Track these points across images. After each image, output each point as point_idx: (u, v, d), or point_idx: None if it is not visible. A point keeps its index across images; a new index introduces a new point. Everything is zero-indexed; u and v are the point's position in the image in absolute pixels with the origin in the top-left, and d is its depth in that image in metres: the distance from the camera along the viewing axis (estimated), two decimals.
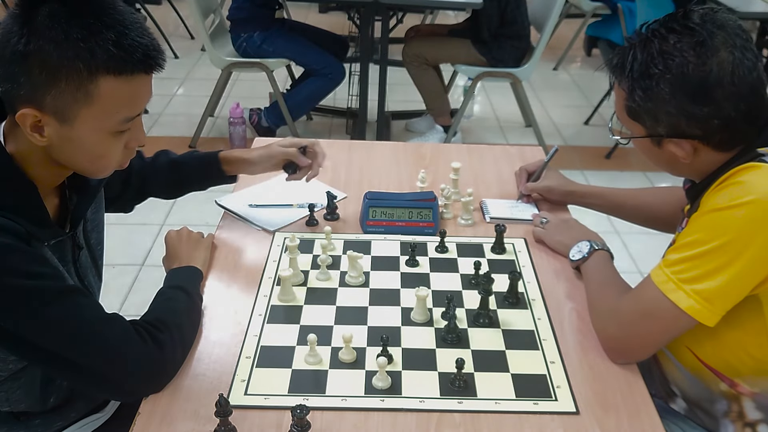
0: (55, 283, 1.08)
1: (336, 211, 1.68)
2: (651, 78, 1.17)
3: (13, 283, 1.03)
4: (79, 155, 1.12)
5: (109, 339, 1.11)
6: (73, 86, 1.03)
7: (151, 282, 1.30)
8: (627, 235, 3.26)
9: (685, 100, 1.16)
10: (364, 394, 1.17)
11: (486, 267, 1.48)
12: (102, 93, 1.05)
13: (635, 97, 1.20)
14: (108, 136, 1.10)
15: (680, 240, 1.22)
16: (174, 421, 1.11)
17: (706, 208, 1.19)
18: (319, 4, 6.09)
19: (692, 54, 1.14)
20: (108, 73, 1.04)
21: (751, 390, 1.28)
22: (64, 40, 1.01)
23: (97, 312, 1.13)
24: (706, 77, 1.14)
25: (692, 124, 1.18)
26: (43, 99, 1.04)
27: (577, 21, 5.69)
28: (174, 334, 1.20)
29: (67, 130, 1.07)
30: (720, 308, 1.17)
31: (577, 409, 1.16)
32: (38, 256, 1.09)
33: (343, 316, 1.36)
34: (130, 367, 1.13)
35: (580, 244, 1.47)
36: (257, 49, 3.77)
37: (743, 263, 1.14)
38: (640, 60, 1.18)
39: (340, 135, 4.24)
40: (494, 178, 1.89)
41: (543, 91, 5.02)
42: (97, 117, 1.07)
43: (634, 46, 1.20)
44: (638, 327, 1.22)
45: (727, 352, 1.26)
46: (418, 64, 3.97)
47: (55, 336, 1.08)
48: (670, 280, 1.18)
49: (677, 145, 1.22)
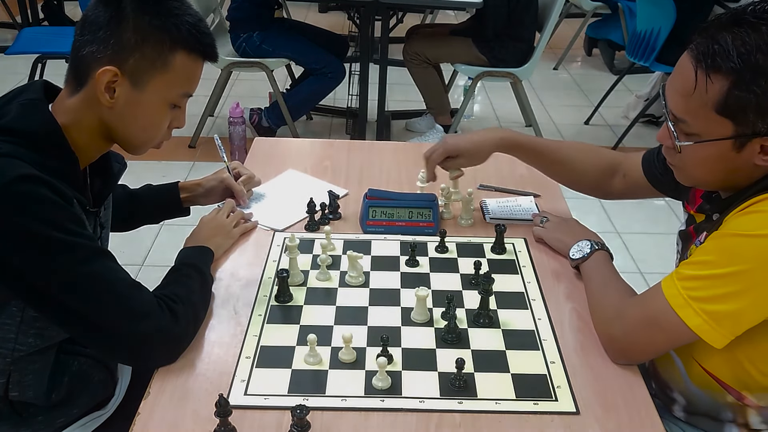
0: (91, 244, 1.16)
1: (338, 210, 1.68)
2: (766, 64, 1.05)
3: (52, 235, 1.10)
4: (135, 121, 1.24)
5: (134, 304, 1.17)
6: (156, 54, 1.19)
7: (151, 282, 1.29)
8: (627, 235, 3.26)
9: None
10: (364, 394, 1.17)
11: (486, 267, 1.48)
12: (176, 65, 1.21)
13: (748, 84, 1.06)
14: (166, 107, 1.25)
15: (696, 256, 1.19)
16: (174, 421, 1.11)
17: (728, 230, 1.16)
18: (318, 3, 6.09)
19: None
20: (185, 48, 1.21)
21: (758, 404, 1.27)
22: (156, 13, 1.19)
23: (125, 276, 1.20)
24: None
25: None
26: (126, 60, 1.18)
27: (577, 21, 5.70)
28: (188, 309, 1.26)
29: (136, 93, 1.20)
30: (729, 332, 1.14)
31: (578, 410, 1.16)
32: (78, 218, 1.16)
33: (343, 316, 1.35)
34: (150, 332, 1.17)
35: (581, 243, 1.46)
36: (256, 48, 3.77)
37: (757, 295, 1.12)
38: (752, 44, 1.05)
39: (340, 135, 4.24)
40: (494, 178, 1.89)
41: (543, 91, 5.02)
42: (166, 86, 1.22)
43: (731, 32, 1.07)
44: (642, 334, 1.22)
45: (738, 367, 1.24)
46: (418, 63, 3.97)
47: (82, 293, 1.13)
48: (681, 295, 1.16)
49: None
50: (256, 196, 1.75)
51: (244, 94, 4.61)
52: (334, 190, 1.74)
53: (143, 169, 1.55)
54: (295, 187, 1.79)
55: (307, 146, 2.24)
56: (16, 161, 1.11)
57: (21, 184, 1.09)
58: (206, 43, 1.24)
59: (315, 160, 1.97)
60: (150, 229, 3.21)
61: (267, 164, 1.92)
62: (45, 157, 1.15)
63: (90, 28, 1.18)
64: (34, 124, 1.17)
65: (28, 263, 1.10)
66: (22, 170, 1.10)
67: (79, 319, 1.15)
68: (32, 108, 1.19)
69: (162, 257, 2.98)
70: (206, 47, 1.25)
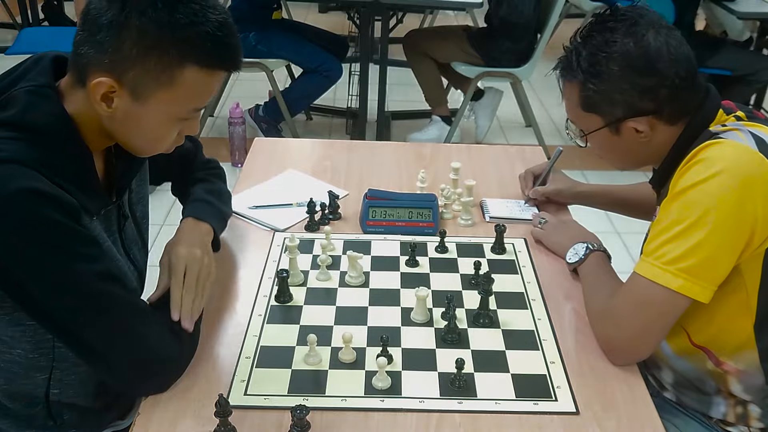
0: (92, 267, 1.08)
1: (338, 210, 1.68)
2: (600, 64, 1.26)
3: (53, 260, 1.04)
4: (137, 133, 1.13)
5: (135, 332, 1.11)
6: (161, 68, 1.05)
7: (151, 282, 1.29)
8: (627, 235, 3.26)
9: (634, 74, 1.25)
10: (364, 395, 1.17)
11: (486, 267, 1.48)
12: (185, 81, 1.07)
13: (589, 84, 1.28)
14: (172, 121, 1.13)
15: (655, 227, 1.25)
16: (174, 421, 1.11)
17: (675, 190, 1.22)
18: (318, 4, 6.09)
19: (629, 36, 1.25)
20: (196, 64, 1.06)
21: (736, 367, 1.30)
22: (167, 23, 1.03)
23: (129, 304, 1.13)
24: (647, 51, 1.24)
25: (645, 98, 1.26)
26: (125, 72, 1.05)
27: (577, 21, 5.69)
28: (191, 336, 1.21)
29: (137, 107, 1.08)
30: (710, 282, 1.19)
31: (577, 409, 1.16)
32: (84, 236, 1.09)
33: (343, 317, 1.35)
34: (150, 361, 1.13)
35: (576, 246, 1.47)
36: (252, 49, 3.77)
37: (722, 230, 1.17)
38: (585, 54, 1.28)
39: (340, 135, 4.24)
40: (494, 178, 1.89)
41: (543, 91, 5.01)
42: (171, 102, 1.09)
43: (575, 48, 1.31)
44: (634, 319, 1.23)
45: (714, 327, 1.29)
46: (417, 54, 3.98)
47: (82, 318, 1.07)
48: (655, 266, 1.20)
49: (636, 123, 1.28)
50: (254, 197, 1.74)
51: (244, 95, 4.60)
52: (334, 190, 1.74)
53: None
54: (295, 187, 1.79)
55: (307, 146, 2.24)
56: (19, 169, 1.02)
57: (23, 200, 1.01)
58: (225, 54, 1.10)
59: (315, 160, 1.97)
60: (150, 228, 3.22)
61: (267, 164, 1.92)
62: (54, 155, 1.07)
63: (89, 25, 1.05)
64: (43, 118, 1.07)
65: (27, 282, 1.04)
66: (24, 182, 1.01)
67: (77, 341, 1.10)
68: (41, 98, 1.08)
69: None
70: (224, 58, 1.10)
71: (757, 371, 1.30)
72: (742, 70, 3.73)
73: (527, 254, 1.56)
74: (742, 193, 1.16)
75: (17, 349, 1.18)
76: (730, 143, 1.20)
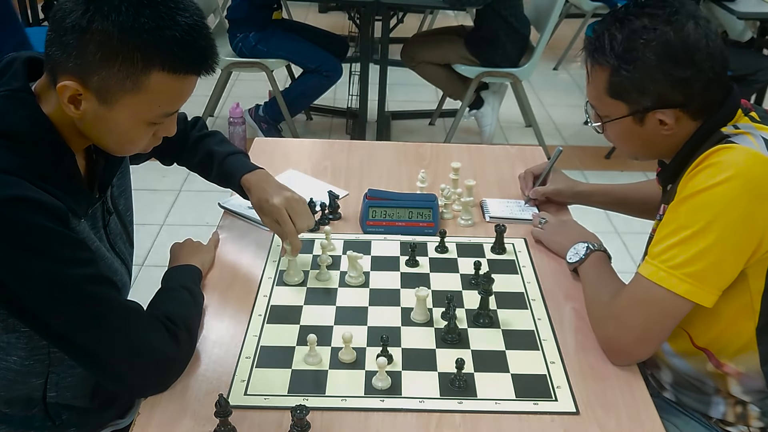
0: (85, 271, 1.07)
1: (338, 210, 1.68)
2: (636, 50, 1.22)
3: (44, 266, 1.03)
4: (108, 135, 1.11)
5: (131, 333, 1.11)
6: (125, 74, 1.02)
7: (151, 282, 1.30)
8: (627, 235, 3.26)
9: (671, 64, 1.21)
10: (364, 395, 1.17)
11: (486, 267, 1.48)
12: (151, 86, 1.04)
13: (622, 71, 1.24)
14: (142, 125, 1.10)
15: (662, 230, 1.23)
16: (174, 421, 1.11)
17: (684, 194, 1.21)
18: (319, 3, 6.09)
19: (669, 24, 1.21)
20: (163, 70, 1.03)
21: (736, 369, 1.30)
22: (130, 27, 1.00)
23: (123, 306, 1.13)
24: (686, 41, 1.21)
25: (677, 89, 1.23)
26: (89, 77, 1.02)
27: (577, 21, 5.69)
28: (188, 334, 1.21)
29: (104, 110, 1.06)
30: (715, 287, 1.18)
31: (577, 409, 1.16)
32: (73, 240, 1.08)
33: (343, 317, 1.35)
34: (148, 361, 1.13)
35: (577, 246, 1.47)
36: (252, 49, 3.77)
37: (730, 237, 1.16)
38: (620, 38, 1.23)
39: (340, 135, 4.24)
40: (494, 178, 1.89)
41: (543, 91, 5.01)
42: (139, 106, 1.06)
43: (608, 30, 1.25)
44: (636, 321, 1.23)
45: (716, 329, 1.29)
46: (416, 63, 3.98)
47: (76, 323, 1.07)
48: (660, 269, 1.20)
49: (663, 114, 1.25)
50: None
51: (244, 95, 4.60)
52: (334, 190, 1.74)
53: (142, 167, 1.54)
54: (295, 187, 1.78)
55: (307, 146, 2.24)
56: (2, 177, 1.01)
57: (11, 209, 1.00)
58: (194, 58, 1.06)
59: (315, 160, 1.97)
60: (150, 228, 3.23)
61: (267, 164, 1.90)
62: (36, 160, 1.06)
63: (56, 26, 1.02)
64: (22, 123, 1.06)
65: (19, 290, 1.03)
66: (10, 191, 1.00)
67: (74, 346, 1.09)
68: (17, 102, 1.07)
69: (162, 257, 2.95)
70: (193, 62, 1.06)
71: (758, 374, 1.30)
72: (742, 71, 3.73)
73: (527, 254, 1.56)
74: (751, 200, 1.15)
75: (12, 356, 1.18)
76: (742, 149, 1.18)
